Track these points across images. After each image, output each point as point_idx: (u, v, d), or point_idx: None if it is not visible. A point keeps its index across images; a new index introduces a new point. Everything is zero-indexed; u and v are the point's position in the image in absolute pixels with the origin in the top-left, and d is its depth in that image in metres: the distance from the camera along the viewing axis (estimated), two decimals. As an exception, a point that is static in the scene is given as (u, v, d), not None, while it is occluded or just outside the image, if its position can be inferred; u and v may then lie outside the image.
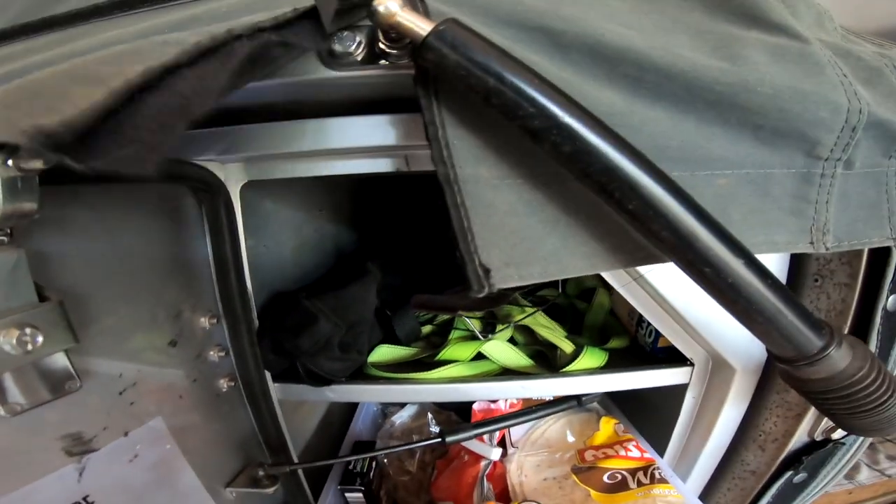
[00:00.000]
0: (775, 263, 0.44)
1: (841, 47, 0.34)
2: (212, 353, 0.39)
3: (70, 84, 0.17)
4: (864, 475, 1.05)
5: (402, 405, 0.75)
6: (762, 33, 0.33)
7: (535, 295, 0.72)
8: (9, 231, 0.20)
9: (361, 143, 0.36)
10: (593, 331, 0.65)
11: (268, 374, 0.47)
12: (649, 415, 0.64)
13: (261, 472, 0.45)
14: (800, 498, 0.60)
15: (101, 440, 0.31)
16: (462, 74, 0.24)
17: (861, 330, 0.43)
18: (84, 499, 0.31)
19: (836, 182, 0.33)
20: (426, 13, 0.26)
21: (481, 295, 0.26)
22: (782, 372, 0.33)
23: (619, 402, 0.71)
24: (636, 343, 0.60)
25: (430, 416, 0.71)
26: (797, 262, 0.46)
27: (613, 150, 0.25)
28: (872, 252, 0.41)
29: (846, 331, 0.44)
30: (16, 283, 0.22)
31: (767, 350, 0.32)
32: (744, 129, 0.31)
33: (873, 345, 0.42)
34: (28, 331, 0.22)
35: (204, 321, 0.38)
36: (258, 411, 0.45)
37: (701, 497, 0.62)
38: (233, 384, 0.42)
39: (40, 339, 0.23)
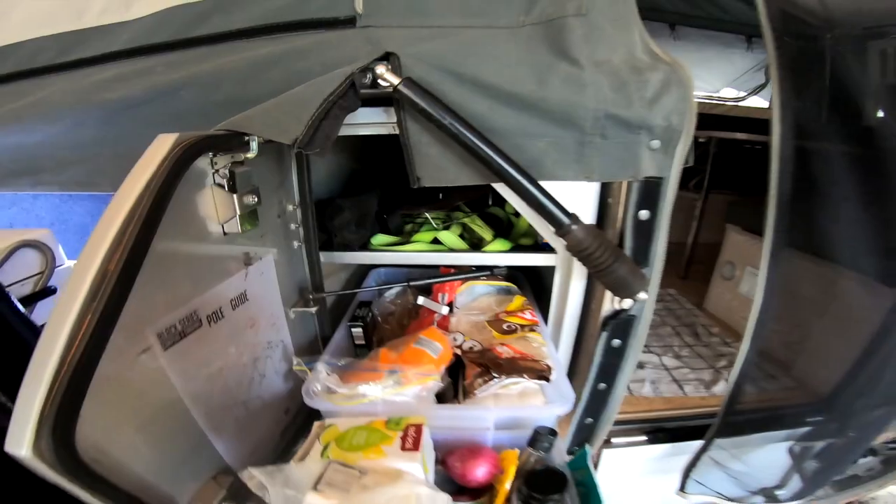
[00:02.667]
0: (593, 191, 0.80)
1: (615, 67, 0.64)
2: (293, 224, 0.81)
3: (287, 116, 0.56)
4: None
5: (390, 288, 1.18)
6: (565, 63, 0.65)
7: (485, 211, 1.13)
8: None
9: (374, 119, 0.75)
10: (517, 234, 1.07)
11: (314, 243, 0.89)
12: (548, 290, 1.06)
13: (310, 296, 0.88)
14: (622, 363, 0.88)
15: (255, 260, 0.72)
16: (411, 100, 0.63)
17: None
18: (244, 292, 0.70)
19: (597, 146, 0.69)
20: (399, 71, 0.64)
21: (415, 187, 0.66)
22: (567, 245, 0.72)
23: (532, 284, 1.14)
24: (537, 243, 1.02)
25: (408, 291, 1.13)
26: (603, 195, 0.79)
27: (471, 134, 0.64)
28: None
29: (617, 232, 0.77)
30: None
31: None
32: (547, 119, 0.68)
33: (629, 240, 0.74)
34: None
35: (291, 207, 0.79)
36: (311, 261, 0.87)
37: (572, 358, 0.99)
38: (298, 245, 0.84)
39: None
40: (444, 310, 1.02)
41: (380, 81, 0.64)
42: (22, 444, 0.36)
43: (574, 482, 0.67)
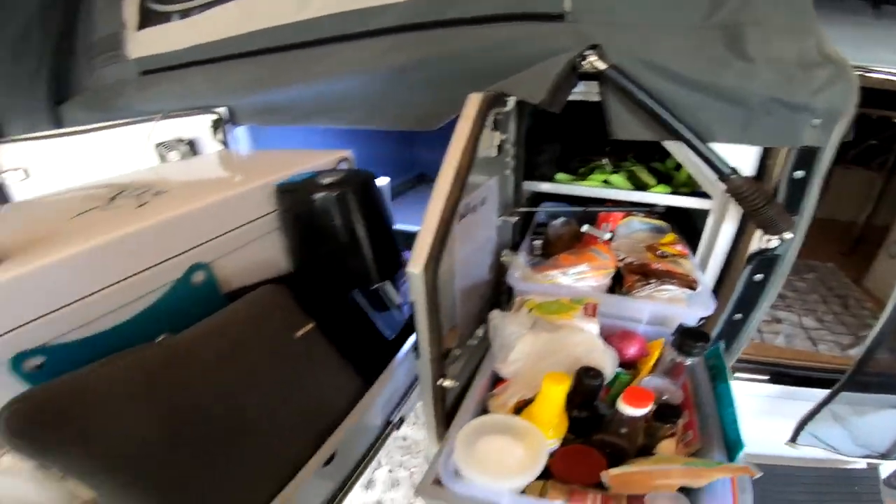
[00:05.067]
0: (754, 151, 1.03)
1: (785, 63, 0.83)
2: (507, 158, 1.17)
3: (534, 85, 0.90)
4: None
5: (562, 213, 1.51)
6: (738, 60, 0.88)
7: (648, 164, 1.39)
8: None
9: (577, 90, 1.05)
10: (677, 184, 1.32)
11: (517, 175, 1.25)
12: (697, 233, 1.30)
13: (513, 210, 1.25)
14: (761, 296, 1.08)
15: (492, 177, 1.09)
16: (615, 80, 0.93)
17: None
18: (486, 197, 1.10)
19: (762, 120, 0.89)
20: (604, 59, 0.93)
21: (612, 138, 0.97)
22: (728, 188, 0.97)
23: (682, 228, 1.39)
24: (694, 190, 1.26)
25: (573, 220, 1.45)
26: (764, 157, 1.00)
27: (657, 106, 0.92)
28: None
29: (773, 185, 1.00)
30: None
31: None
32: (718, 98, 0.91)
33: (783, 192, 0.96)
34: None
35: (509, 146, 1.15)
36: (516, 185, 1.24)
37: (714, 291, 1.23)
38: (508, 173, 1.20)
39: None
40: (606, 235, 1.32)
41: (585, 65, 0.93)
42: (419, 266, 0.65)
43: (707, 368, 0.95)
